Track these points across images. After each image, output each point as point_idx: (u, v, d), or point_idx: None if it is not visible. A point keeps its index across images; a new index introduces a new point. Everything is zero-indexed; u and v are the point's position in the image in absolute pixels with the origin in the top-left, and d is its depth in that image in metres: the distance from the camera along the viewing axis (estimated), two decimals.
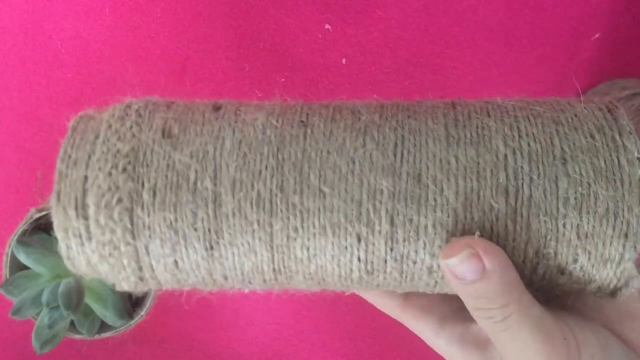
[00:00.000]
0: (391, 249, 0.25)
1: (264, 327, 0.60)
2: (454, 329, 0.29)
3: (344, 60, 0.54)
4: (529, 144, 0.25)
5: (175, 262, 0.25)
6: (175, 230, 0.25)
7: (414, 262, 0.25)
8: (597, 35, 0.53)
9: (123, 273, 0.26)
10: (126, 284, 0.26)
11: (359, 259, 0.25)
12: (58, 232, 0.25)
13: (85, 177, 0.25)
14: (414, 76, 0.54)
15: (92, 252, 0.25)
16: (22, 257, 0.47)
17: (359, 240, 0.25)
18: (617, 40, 0.54)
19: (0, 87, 0.54)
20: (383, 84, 0.54)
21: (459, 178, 0.25)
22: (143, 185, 0.25)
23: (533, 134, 0.25)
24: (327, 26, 0.53)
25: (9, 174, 0.56)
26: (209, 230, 0.25)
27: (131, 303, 0.50)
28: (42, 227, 0.49)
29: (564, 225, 0.24)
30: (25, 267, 0.48)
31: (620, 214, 0.24)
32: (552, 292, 0.27)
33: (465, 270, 0.24)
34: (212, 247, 0.25)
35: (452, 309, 0.29)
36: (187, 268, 0.26)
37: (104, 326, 0.50)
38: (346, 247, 0.25)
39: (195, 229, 0.25)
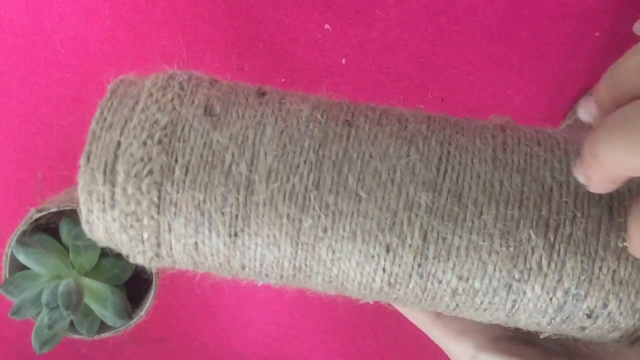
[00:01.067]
0: (419, 265, 0.24)
1: (264, 327, 0.60)
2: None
3: (343, 60, 0.54)
4: (577, 180, 0.24)
5: (196, 244, 0.25)
6: (201, 212, 0.24)
7: (439, 282, 0.24)
8: (597, 34, 0.53)
9: (140, 247, 0.25)
10: (141, 257, 0.26)
11: (383, 270, 0.24)
12: (82, 194, 0.25)
13: (119, 143, 0.24)
14: (414, 76, 0.54)
15: (112, 220, 0.25)
16: (22, 257, 0.47)
17: (388, 251, 0.24)
18: (617, 40, 0.54)
19: (0, 87, 0.54)
20: (383, 84, 0.54)
21: (500, 204, 0.24)
22: (176, 160, 0.24)
23: None
24: (327, 26, 0.53)
25: (9, 174, 0.56)
26: (236, 216, 0.24)
27: (131, 303, 0.50)
28: (42, 227, 0.49)
29: (600, 269, 0.24)
30: (25, 267, 0.48)
31: None
32: (572, 335, 0.26)
33: None
34: (236, 234, 0.24)
35: (488, 337, 0.28)
36: (206, 252, 0.25)
37: (103, 326, 0.50)
38: (373, 256, 0.24)
39: (223, 213, 0.24)
